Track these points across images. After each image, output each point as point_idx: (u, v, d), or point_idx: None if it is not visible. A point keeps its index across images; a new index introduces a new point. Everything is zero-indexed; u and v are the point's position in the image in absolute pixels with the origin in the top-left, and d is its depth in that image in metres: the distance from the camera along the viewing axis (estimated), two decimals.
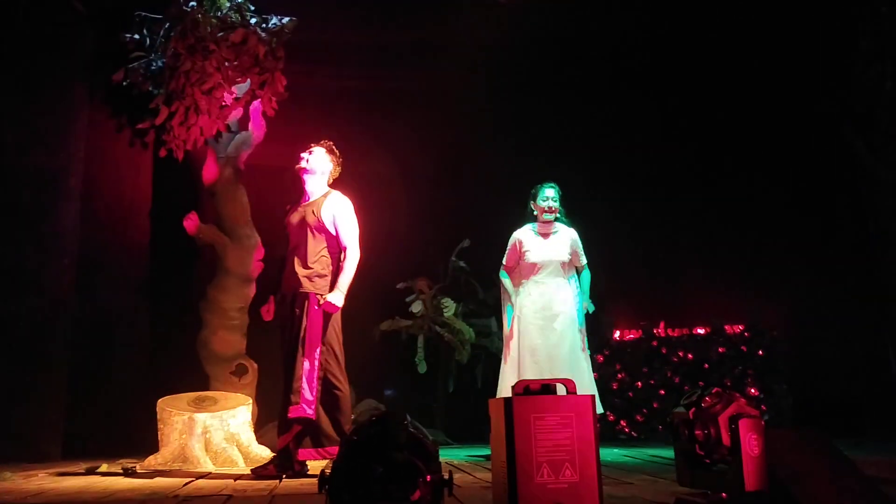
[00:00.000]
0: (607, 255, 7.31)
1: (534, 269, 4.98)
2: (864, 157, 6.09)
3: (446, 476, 1.69)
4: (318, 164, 4.25)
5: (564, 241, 5.04)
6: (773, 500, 1.89)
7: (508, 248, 5.13)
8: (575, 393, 1.84)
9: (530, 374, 4.64)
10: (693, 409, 1.99)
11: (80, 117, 6.04)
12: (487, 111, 7.26)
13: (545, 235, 5.05)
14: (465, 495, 2.88)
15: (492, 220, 5.27)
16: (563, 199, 5.15)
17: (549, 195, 5.07)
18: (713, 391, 2.01)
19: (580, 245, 5.10)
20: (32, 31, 5.80)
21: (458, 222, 7.09)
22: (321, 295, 4.01)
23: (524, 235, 5.09)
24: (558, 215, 5.09)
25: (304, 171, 4.23)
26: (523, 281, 5.04)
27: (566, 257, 5.00)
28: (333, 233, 4.12)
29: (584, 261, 5.11)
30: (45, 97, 5.83)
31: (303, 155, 4.25)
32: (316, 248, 4.09)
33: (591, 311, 5.07)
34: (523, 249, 5.04)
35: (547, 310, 4.87)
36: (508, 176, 5.85)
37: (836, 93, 6.28)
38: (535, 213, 5.12)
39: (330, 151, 4.29)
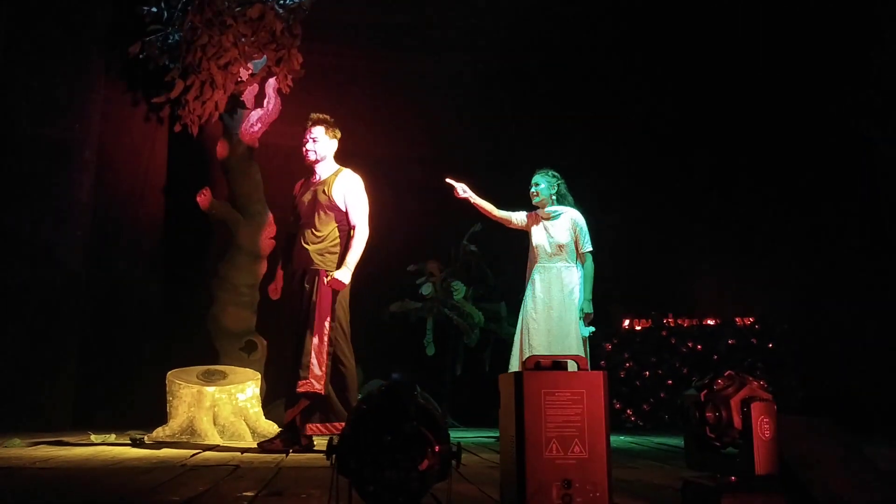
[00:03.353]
0: (619, 244, 7.32)
1: (535, 252, 4.93)
2: (882, 151, 6.03)
3: (455, 448, 1.69)
4: (325, 148, 4.21)
5: (564, 224, 4.90)
6: (784, 484, 1.87)
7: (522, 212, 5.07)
8: (587, 369, 1.83)
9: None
10: (705, 392, 1.97)
11: (96, 90, 6.05)
12: (503, 94, 7.23)
13: (546, 219, 4.97)
14: (472, 474, 2.88)
15: (504, 204, 5.23)
16: (566, 185, 5.03)
17: (532, 182, 5.00)
18: (725, 374, 1.99)
19: (582, 229, 4.91)
20: (50, 2, 5.79)
21: (470, 206, 7.06)
22: (330, 272, 4.00)
23: (531, 216, 5.05)
24: (553, 199, 4.95)
25: (316, 162, 4.20)
26: (528, 269, 4.97)
27: (565, 240, 4.86)
28: (344, 210, 4.11)
29: (587, 247, 4.89)
30: (61, 69, 5.84)
31: (308, 147, 4.18)
32: (326, 226, 4.08)
33: (589, 313, 4.79)
34: (530, 226, 5.00)
35: (546, 293, 4.79)
36: (522, 160, 5.82)
37: (856, 86, 6.21)
38: None
39: (329, 127, 4.23)
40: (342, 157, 4.33)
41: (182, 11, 5.34)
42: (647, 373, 6.98)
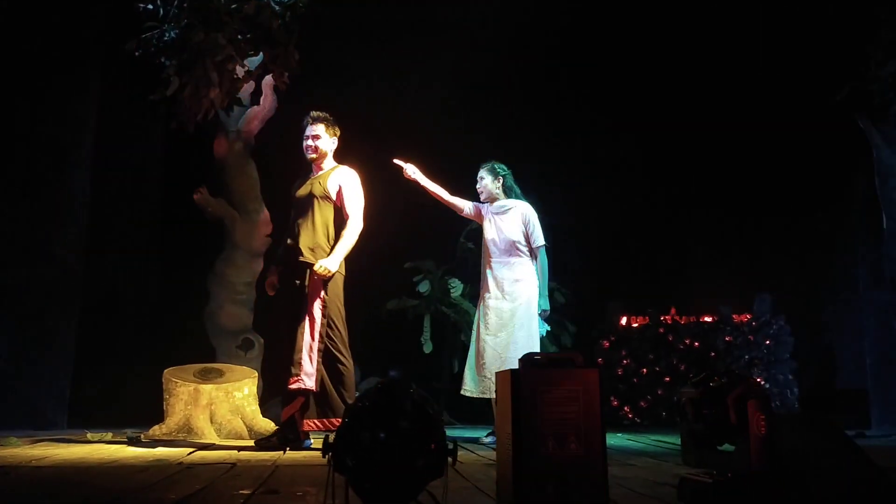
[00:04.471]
0: (617, 241, 7.33)
1: (487, 249, 4.77)
2: (880, 148, 6.03)
3: (451, 445, 1.68)
4: (326, 146, 4.22)
5: (515, 218, 4.72)
6: (780, 481, 1.88)
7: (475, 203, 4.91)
8: (582, 366, 1.83)
9: (489, 360, 4.55)
10: (701, 389, 1.97)
11: (93, 87, 6.04)
12: (502, 91, 7.23)
13: (497, 214, 4.79)
14: (469, 471, 2.88)
15: None
16: (512, 177, 4.85)
17: (478, 176, 4.87)
18: (722, 371, 1.99)
19: (533, 222, 4.72)
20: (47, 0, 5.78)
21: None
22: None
23: (483, 208, 4.88)
24: (500, 193, 4.79)
25: (316, 159, 4.20)
26: (484, 265, 4.82)
27: (516, 235, 4.69)
28: (339, 203, 4.10)
29: (539, 241, 4.70)
30: (58, 67, 5.82)
31: (309, 144, 4.18)
32: (321, 220, 4.07)
33: (547, 311, 4.67)
34: (482, 221, 4.86)
35: (501, 290, 4.66)
36: (521, 157, 5.82)
37: (854, 83, 6.21)
38: None
39: (329, 125, 4.23)
40: (339, 154, 4.33)
41: (178, 9, 5.31)
42: (645, 370, 6.99)
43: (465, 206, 4.92)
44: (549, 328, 4.85)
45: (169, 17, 5.31)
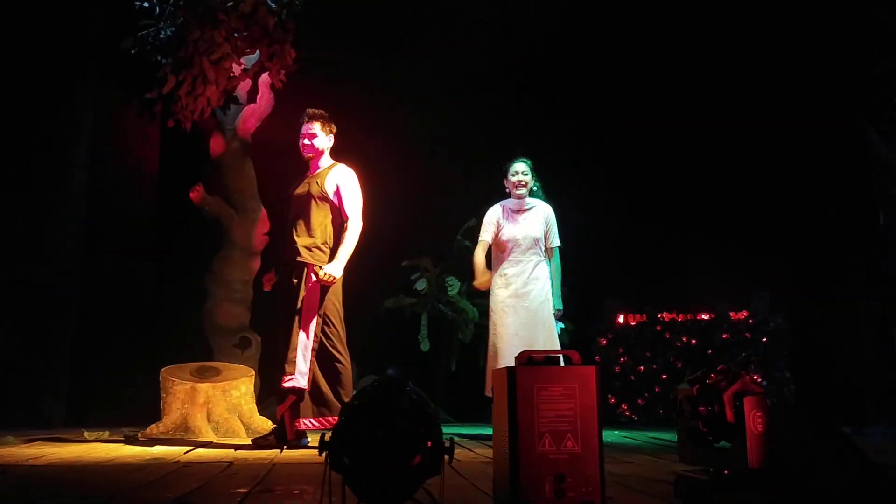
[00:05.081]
0: (614, 239, 7.33)
1: (506, 247, 4.71)
2: (876, 146, 6.04)
3: (447, 443, 1.68)
4: (322, 143, 4.22)
5: (538, 217, 4.71)
6: (776, 478, 1.88)
7: (486, 222, 4.80)
8: (579, 364, 1.83)
9: (509, 360, 4.50)
10: (697, 386, 1.97)
11: (89, 86, 6.02)
12: (498, 90, 7.22)
13: (518, 212, 4.75)
14: (465, 469, 2.88)
15: (498, 200, 5.21)
16: (539, 176, 4.83)
17: (518, 170, 4.75)
18: (718, 368, 1.99)
19: (554, 223, 4.76)
20: None
21: (464, 201, 7.05)
22: (319, 266, 3.98)
23: (500, 213, 4.79)
24: (533, 190, 4.78)
25: (313, 157, 4.20)
26: (498, 262, 4.76)
27: (539, 234, 4.69)
28: (336, 202, 4.10)
29: (555, 242, 4.74)
30: (54, 65, 5.81)
31: (305, 142, 4.19)
32: (318, 219, 4.06)
33: (560, 310, 4.68)
34: (501, 224, 4.76)
35: (519, 289, 4.61)
36: (515, 155, 5.82)
37: (851, 81, 6.22)
38: (507, 189, 4.83)
39: (325, 123, 4.22)
40: (335, 152, 4.33)
41: (174, 6, 5.30)
42: (642, 367, 7.00)
43: (488, 242, 4.79)
44: (563, 326, 4.84)
45: (165, 15, 5.30)
